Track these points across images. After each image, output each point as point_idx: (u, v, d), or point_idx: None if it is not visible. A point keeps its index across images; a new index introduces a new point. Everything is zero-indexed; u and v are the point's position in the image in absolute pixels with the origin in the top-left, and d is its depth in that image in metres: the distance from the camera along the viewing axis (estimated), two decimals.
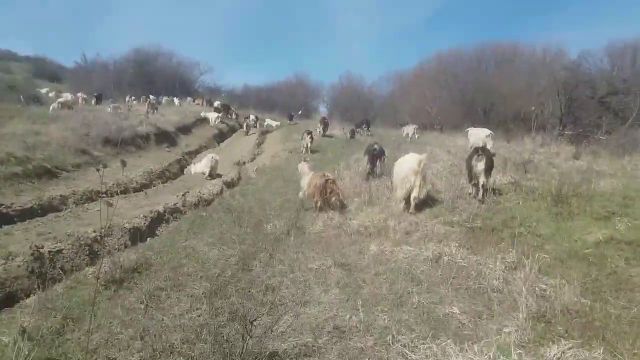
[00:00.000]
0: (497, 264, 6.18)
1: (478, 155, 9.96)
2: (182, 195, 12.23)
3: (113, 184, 12.48)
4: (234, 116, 37.82)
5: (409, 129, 25.24)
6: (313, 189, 10.22)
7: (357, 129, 28.14)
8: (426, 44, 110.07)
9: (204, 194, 12.78)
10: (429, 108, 41.85)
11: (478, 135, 18.17)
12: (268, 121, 36.24)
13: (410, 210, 9.06)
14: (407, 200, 9.13)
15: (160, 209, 10.53)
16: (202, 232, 8.44)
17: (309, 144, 20.83)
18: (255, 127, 33.19)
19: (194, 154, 20.68)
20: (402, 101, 45.48)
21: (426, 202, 9.45)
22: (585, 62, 22.22)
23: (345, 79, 59.65)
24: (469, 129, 19.98)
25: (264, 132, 31.30)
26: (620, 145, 15.59)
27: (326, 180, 10.04)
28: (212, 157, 17.35)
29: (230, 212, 9.65)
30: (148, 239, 8.63)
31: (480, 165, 9.77)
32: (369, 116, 43.09)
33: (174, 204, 11.15)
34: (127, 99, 35.70)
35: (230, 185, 14.76)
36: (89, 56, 55.90)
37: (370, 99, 56.15)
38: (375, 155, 13.16)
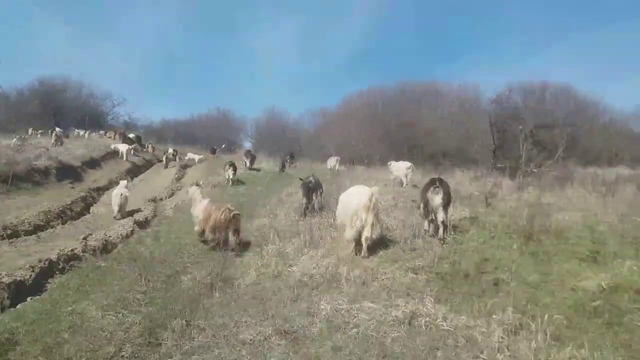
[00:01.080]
0: (493, 326, 4.84)
1: (435, 187, 8.68)
2: (84, 238, 10.44)
3: None
4: (150, 149, 35.55)
5: (332, 161, 26.37)
6: (215, 222, 9.30)
7: (287, 161, 27.54)
8: (347, 83, 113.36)
9: (110, 237, 11.04)
10: (354, 142, 42.27)
11: (399, 167, 18.40)
12: (190, 155, 34.37)
13: (362, 254, 7.65)
14: (358, 241, 7.75)
15: (54, 256, 8.74)
16: (98, 290, 6.76)
17: (231, 176, 19.70)
18: (175, 160, 31.40)
19: (103, 190, 18.54)
20: (328, 136, 45.58)
21: (379, 243, 8.08)
22: (511, 97, 23.23)
23: (270, 113, 59.19)
24: (390, 162, 20.26)
25: (184, 166, 29.43)
26: (557, 178, 15.87)
27: (233, 216, 9.16)
28: (121, 194, 15.53)
29: (137, 261, 8.08)
30: (29, 298, 6.86)
31: (437, 199, 8.55)
32: (295, 150, 42.54)
33: (72, 250, 9.37)
34: (29, 131, 32.28)
35: (143, 225, 13.03)
36: None
37: (296, 134, 55.90)
38: (312, 189, 12.27)
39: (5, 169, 14.19)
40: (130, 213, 14.42)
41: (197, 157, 33.30)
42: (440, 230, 8.61)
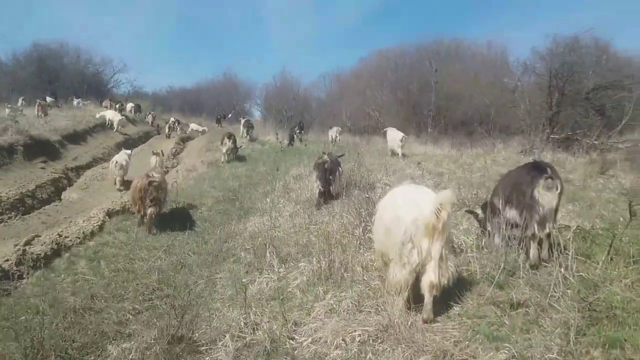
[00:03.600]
0: None
1: (547, 178, 5.15)
2: (25, 243, 7.88)
3: None
4: (149, 118, 33.12)
5: (332, 132, 24.67)
6: (132, 192, 8.80)
7: (296, 133, 24.80)
8: (365, 44, 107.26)
9: (66, 237, 8.47)
10: (370, 110, 38.99)
11: (393, 137, 17.27)
12: (193, 125, 31.71)
13: (423, 316, 4.28)
14: (415, 286, 4.38)
15: None
16: None
17: (229, 152, 16.94)
18: (176, 130, 29.11)
19: (84, 169, 15.95)
20: (341, 103, 42.22)
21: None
22: (566, 50, 19.35)
23: (280, 80, 55.53)
24: (386, 129, 18.84)
25: (185, 139, 26.78)
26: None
27: (149, 183, 8.53)
28: (116, 162, 13.40)
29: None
30: None
31: (550, 199, 5.14)
32: (305, 120, 39.55)
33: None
34: (20, 101, 29.67)
35: (116, 214, 10.42)
36: None
37: (308, 101, 52.51)
38: (328, 170, 9.56)
39: None
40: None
41: (200, 129, 30.69)
42: (544, 251, 5.23)
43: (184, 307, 4.74)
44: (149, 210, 8.54)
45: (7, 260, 7.18)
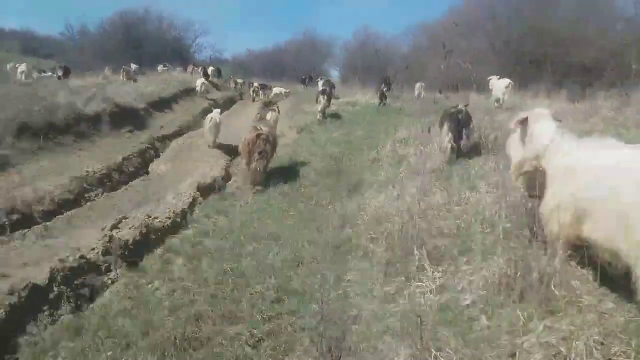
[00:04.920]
0: None
1: None
2: (111, 227, 6.80)
3: None
4: (232, 84, 32.27)
5: (417, 88, 21.81)
6: (243, 146, 8.90)
7: (384, 91, 22.61)
8: None
9: (156, 219, 7.33)
10: (462, 62, 35.39)
11: (498, 86, 16.03)
12: (275, 89, 30.44)
13: None
14: None
15: (42, 277, 5.11)
16: None
17: (324, 109, 16.26)
18: (259, 95, 28.05)
19: (171, 138, 15.06)
20: (430, 56, 38.75)
21: None
22: None
23: (362, 36, 52.39)
24: (490, 77, 17.66)
25: (267, 104, 25.60)
26: None
27: (257, 135, 8.58)
28: (211, 118, 12.79)
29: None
30: None
31: None
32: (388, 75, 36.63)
33: (82, 256, 5.73)
34: (105, 70, 29.98)
35: (208, 192, 9.23)
36: (76, 25, 49.71)
37: (390, 57, 49.22)
38: (463, 122, 8.37)
39: (39, 120, 10.92)
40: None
41: (283, 91, 29.40)
42: None
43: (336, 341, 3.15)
44: (254, 164, 8.44)
45: (94, 249, 6.12)
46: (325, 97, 16.19)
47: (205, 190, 9.26)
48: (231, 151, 12.37)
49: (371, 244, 5.47)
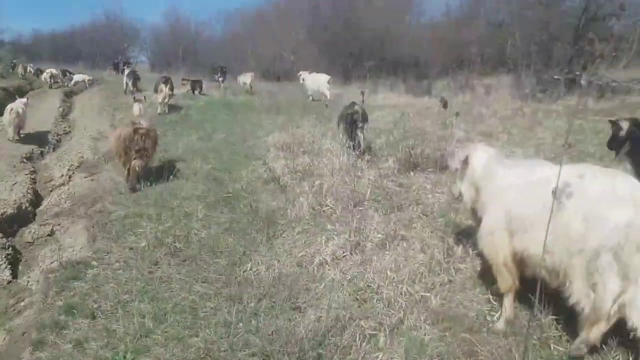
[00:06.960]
0: None
1: None
2: None
3: None
4: (20, 70, 27.05)
5: (245, 78, 21.61)
6: (116, 142, 7.32)
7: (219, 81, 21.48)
8: None
9: None
10: (284, 53, 34.81)
11: (319, 80, 16.23)
12: (77, 77, 25.22)
13: None
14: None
15: None
16: None
17: (166, 99, 13.76)
18: (59, 83, 23.86)
19: None
20: (248, 46, 37.21)
21: None
22: None
23: (172, 19, 47.87)
24: (301, 72, 17.85)
25: (69, 94, 21.07)
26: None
27: (135, 130, 7.20)
28: (12, 109, 10.70)
29: None
30: None
31: None
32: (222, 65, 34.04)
33: None
34: None
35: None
36: None
37: (205, 44, 46.33)
38: (356, 122, 8.08)
39: None
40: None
41: (86, 78, 24.55)
42: None
43: None
44: (134, 163, 7.19)
45: None
46: (168, 86, 13.65)
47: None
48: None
49: None
